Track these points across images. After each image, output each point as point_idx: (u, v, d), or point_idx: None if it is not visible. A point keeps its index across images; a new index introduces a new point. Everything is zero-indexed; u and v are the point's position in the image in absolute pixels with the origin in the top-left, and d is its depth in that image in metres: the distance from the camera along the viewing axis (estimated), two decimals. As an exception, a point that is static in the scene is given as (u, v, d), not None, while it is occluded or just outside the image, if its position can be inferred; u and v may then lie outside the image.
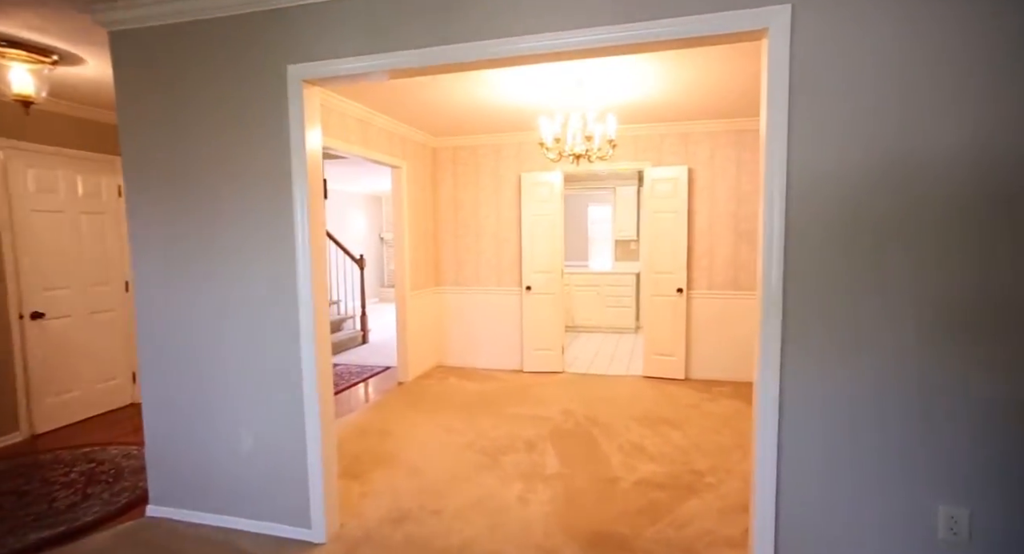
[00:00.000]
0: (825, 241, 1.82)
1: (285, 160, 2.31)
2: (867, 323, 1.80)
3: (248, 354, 2.46)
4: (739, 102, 4.26)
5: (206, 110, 2.39)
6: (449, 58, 2.06)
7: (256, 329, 2.44)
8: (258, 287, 2.41)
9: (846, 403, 1.84)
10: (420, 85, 3.69)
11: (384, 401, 4.66)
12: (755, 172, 4.92)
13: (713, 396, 4.64)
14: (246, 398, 2.48)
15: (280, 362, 2.42)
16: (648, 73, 3.47)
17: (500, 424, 4.00)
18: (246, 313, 2.44)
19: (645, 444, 3.59)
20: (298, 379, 2.40)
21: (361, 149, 4.38)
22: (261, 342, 2.44)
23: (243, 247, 2.41)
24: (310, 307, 2.35)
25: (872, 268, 1.79)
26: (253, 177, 2.37)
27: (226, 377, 2.50)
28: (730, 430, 3.82)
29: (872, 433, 1.82)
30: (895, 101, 1.72)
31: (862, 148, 1.76)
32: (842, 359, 1.83)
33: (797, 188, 1.83)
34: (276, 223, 2.36)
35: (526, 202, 5.40)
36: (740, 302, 5.04)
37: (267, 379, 2.45)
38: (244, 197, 2.39)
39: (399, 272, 5.18)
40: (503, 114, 4.53)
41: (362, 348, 6.87)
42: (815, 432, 1.88)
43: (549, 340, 5.49)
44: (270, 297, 2.40)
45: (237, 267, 2.43)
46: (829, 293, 1.83)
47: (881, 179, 1.75)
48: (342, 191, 10.01)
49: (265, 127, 2.32)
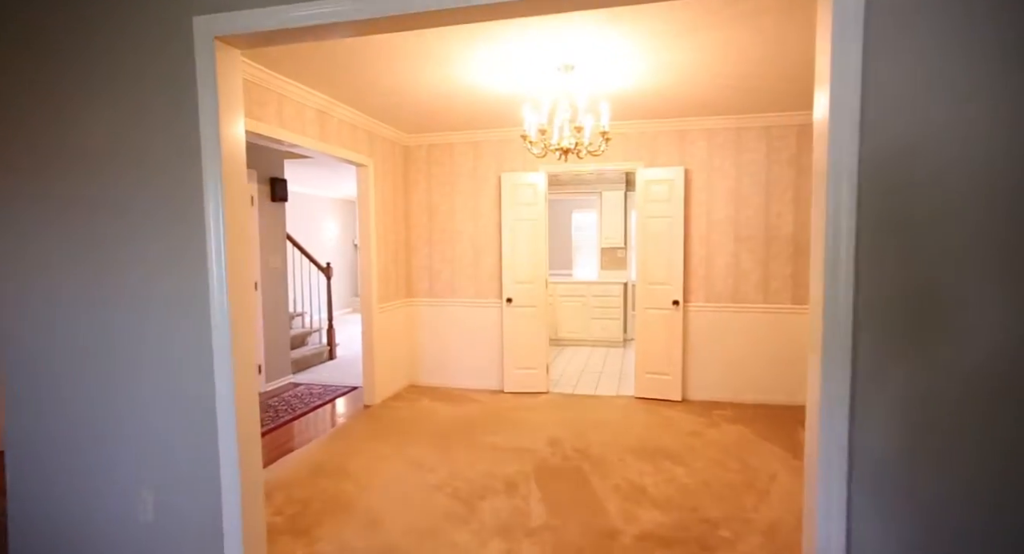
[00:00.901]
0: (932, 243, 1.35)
1: (192, 147, 1.79)
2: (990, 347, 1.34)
3: (147, 392, 1.91)
4: (738, 96, 3.84)
5: (85, 80, 1.86)
6: (396, 8, 1.57)
7: (157, 362, 1.90)
8: (157, 309, 1.87)
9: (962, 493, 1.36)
10: (388, 65, 3.19)
11: (347, 429, 4.11)
12: (756, 173, 4.51)
13: (714, 421, 4.18)
14: (145, 449, 1.93)
15: (189, 402, 1.88)
16: (641, 60, 3.03)
17: (477, 458, 3.48)
18: (144, 342, 1.90)
19: (645, 483, 3.10)
20: (211, 423, 1.86)
21: (318, 143, 3.86)
22: (164, 377, 1.90)
23: (138, 259, 1.87)
24: (226, 333, 1.82)
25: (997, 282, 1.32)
26: (150, 171, 1.84)
27: (119, 422, 1.95)
28: (738, 464, 3.35)
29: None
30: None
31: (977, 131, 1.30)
32: (943, 406, 1.36)
33: (877, 182, 1.36)
34: (180, 228, 1.83)
35: (507, 205, 4.92)
36: (741, 316, 4.61)
37: (172, 424, 1.90)
38: (138, 195, 1.86)
39: (365, 283, 4.65)
40: (481, 106, 4.05)
41: (328, 365, 6.29)
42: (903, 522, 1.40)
43: (532, 357, 4.99)
44: (173, 322, 1.86)
45: (130, 284, 1.89)
46: (930, 311, 1.35)
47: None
48: (311, 195, 9.43)
49: (164, 102, 1.80)
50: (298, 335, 6.28)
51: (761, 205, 4.53)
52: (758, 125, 4.46)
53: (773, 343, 4.56)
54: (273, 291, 5.29)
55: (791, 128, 4.42)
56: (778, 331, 4.54)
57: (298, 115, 3.62)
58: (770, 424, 4.06)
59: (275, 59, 3.09)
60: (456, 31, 2.67)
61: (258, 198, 5.07)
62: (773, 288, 4.55)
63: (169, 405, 1.90)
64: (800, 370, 4.48)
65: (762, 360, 4.59)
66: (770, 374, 4.58)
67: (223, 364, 1.83)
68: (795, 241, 4.48)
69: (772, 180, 4.49)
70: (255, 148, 4.98)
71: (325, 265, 6.65)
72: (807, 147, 4.39)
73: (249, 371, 1.93)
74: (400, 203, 5.11)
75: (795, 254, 4.49)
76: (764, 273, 4.56)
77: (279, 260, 5.40)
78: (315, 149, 3.83)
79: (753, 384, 4.62)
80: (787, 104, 4.11)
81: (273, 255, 5.30)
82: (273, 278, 5.29)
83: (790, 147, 4.44)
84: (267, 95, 3.32)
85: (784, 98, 3.94)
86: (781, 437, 3.78)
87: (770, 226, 4.53)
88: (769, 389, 4.58)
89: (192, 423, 1.88)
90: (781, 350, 4.54)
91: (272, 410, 4.56)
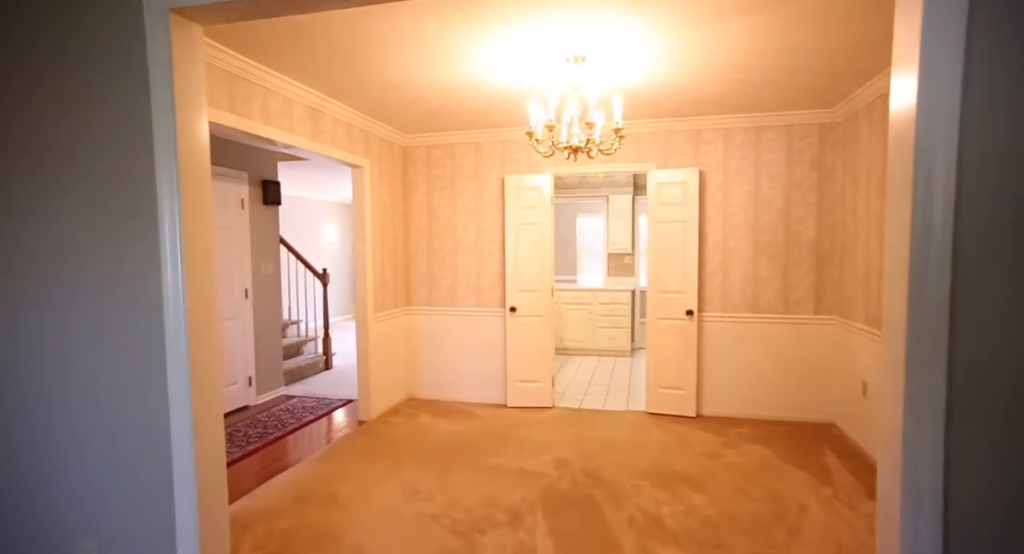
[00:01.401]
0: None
1: (142, 137, 1.53)
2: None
3: (88, 424, 1.65)
4: (759, 91, 3.57)
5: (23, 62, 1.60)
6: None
7: (101, 387, 1.63)
8: (102, 327, 1.61)
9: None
10: (384, 57, 2.94)
11: (339, 448, 3.83)
12: (776, 175, 4.24)
13: (732, 440, 3.89)
14: (86, 491, 1.67)
15: (136, 433, 1.61)
16: (658, 49, 2.77)
17: (479, 483, 3.20)
18: (86, 363, 1.64)
19: (662, 514, 2.82)
20: (166, 459, 1.60)
21: (310, 142, 3.60)
22: (108, 406, 1.63)
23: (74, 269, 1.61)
24: (183, 354, 1.55)
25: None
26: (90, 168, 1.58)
27: (56, 458, 1.68)
28: (763, 492, 3.06)
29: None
30: None
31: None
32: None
33: (984, 185, 1.09)
34: (129, 233, 1.57)
35: (511, 209, 4.66)
36: (759, 327, 4.33)
37: (116, 461, 1.64)
38: (79, 192, 1.60)
39: (360, 291, 4.38)
40: (484, 102, 3.79)
41: (324, 375, 6.02)
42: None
43: (536, 370, 4.71)
44: (126, 334, 1.60)
45: (64, 296, 1.63)
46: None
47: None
48: (309, 199, 9.19)
49: (110, 87, 1.54)
50: (293, 344, 6.02)
51: (781, 209, 4.25)
52: (778, 123, 4.19)
53: (794, 356, 4.27)
54: (265, 298, 5.03)
55: (813, 127, 4.15)
56: (799, 343, 4.26)
57: (286, 111, 3.37)
58: (793, 445, 3.77)
59: (260, 50, 2.84)
60: (461, 17, 2.41)
61: (249, 201, 4.82)
62: (794, 298, 4.27)
63: (112, 437, 1.63)
64: (822, 385, 4.19)
65: (782, 374, 4.30)
66: (790, 389, 4.29)
67: (179, 391, 1.56)
68: (818, 248, 4.20)
69: (793, 182, 4.22)
70: (246, 149, 4.74)
71: (321, 271, 6.40)
72: (831, 147, 4.12)
73: (211, 393, 1.67)
74: (398, 206, 4.86)
75: (818, 262, 4.21)
76: (784, 281, 4.28)
77: (272, 266, 5.14)
78: (306, 148, 3.58)
79: (772, 400, 4.33)
80: (811, 101, 3.84)
81: (265, 261, 5.05)
82: (265, 285, 5.04)
83: (812, 147, 4.16)
84: (252, 89, 3.07)
85: (809, 94, 3.67)
86: (807, 460, 3.49)
87: (791, 232, 4.25)
88: (789, 405, 4.29)
89: (140, 459, 1.61)
90: (802, 364, 4.26)
91: (260, 426, 4.29)
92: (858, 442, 3.71)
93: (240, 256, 4.72)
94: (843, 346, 4.02)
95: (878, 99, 3.40)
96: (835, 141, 4.10)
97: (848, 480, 3.19)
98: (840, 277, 4.11)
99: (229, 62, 2.84)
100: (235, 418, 4.46)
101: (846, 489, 3.07)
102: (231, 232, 4.63)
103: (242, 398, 4.74)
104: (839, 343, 4.09)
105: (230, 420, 4.41)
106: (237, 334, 4.67)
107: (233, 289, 4.64)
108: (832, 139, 4.11)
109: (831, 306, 4.19)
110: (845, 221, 4.01)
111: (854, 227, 3.84)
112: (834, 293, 4.18)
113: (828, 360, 4.18)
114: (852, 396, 3.83)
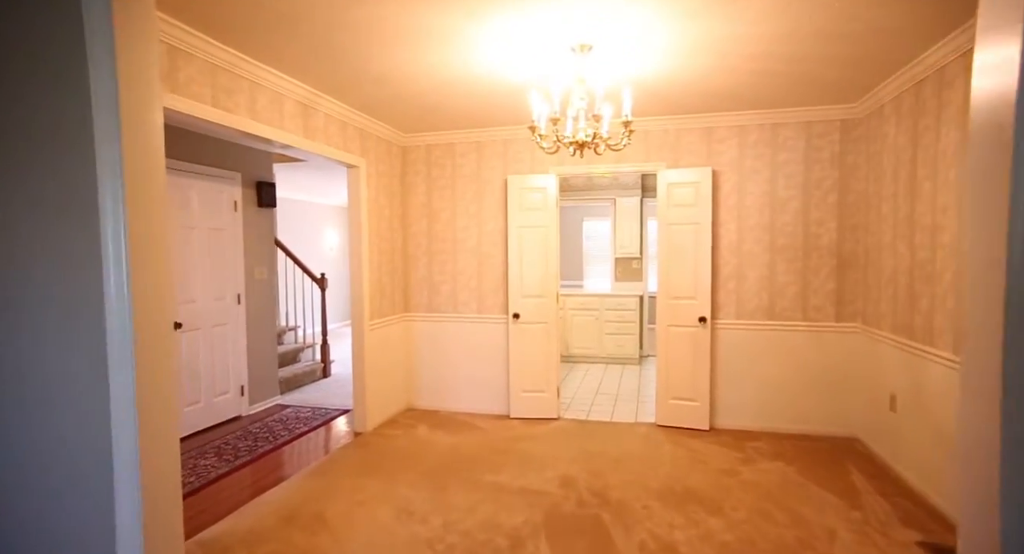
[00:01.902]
0: None
1: (82, 126, 1.34)
2: None
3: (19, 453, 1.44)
4: (776, 85, 3.35)
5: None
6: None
7: (32, 402, 1.43)
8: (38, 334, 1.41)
9: None
10: (379, 48, 2.75)
11: (331, 462, 3.62)
12: (794, 174, 4.01)
13: (749, 455, 3.65)
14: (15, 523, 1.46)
15: (72, 461, 1.41)
16: (671, 36, 2.56)
17: (478, 502, 2.98)
18: (16, 373, 1.44)
19: (676, 539, 2.58)
20: (108, 491, 1.39)
21: (301, 140, 3.42)
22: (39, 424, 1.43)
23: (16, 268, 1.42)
24: (128, 364, 1.35)
25: None
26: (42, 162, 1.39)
27: None
28: (786, 516, 2.82)
29: None
30: None
31: None
32: None
33: None
34: (68, 231, 1.37)
35: (514, 211, 4.45)
36: (776, 335, 4.09)
37: (48, 490, 1.43)
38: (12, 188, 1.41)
39: (356, 297, 4.18)
40: (485, 98, 3.60)
41: (322, 383, 5.82)
42: None
43: (541, 380, 4.49)
44: (64, 339, 1.40)
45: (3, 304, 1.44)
46: None
47: None
48: (307, 202, 9.04)
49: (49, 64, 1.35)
50: (290, 351, 5.83)
51: (799, 210, 4.02)
52: (796, 120, 3.96)
53: (813, 366, 4.03)
54: (259, 304, 4.84)
55: (834, 123, 3.92)
56: (819, 352, 4.01)
57: (275, 107, 3.18)
58: (815, 461, 3.52)
59: (246, 41, 2.66)
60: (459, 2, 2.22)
61: (242, 203, 4.64)
62: (813, 304, 4.03)
63: (45, 464, 1.43)
64: (844, 397, 3.95)
65: (801, 385, 4.06)
66: (810, 401, 4.04)
67: (123, 400, 1.36)
68: (839, 251, 3.96)
69: (812, 182, 3.99)
70: (239, 149, 4.56)
71: (319, 276, 6.21)
72: (853, 144, 3.89)
73: (163, 411, 1.46)
74: (396, 208, 4.67)
75: (839, 266, 3.97)
76: (803, 286, 4.05)
77: (266, 270, 4.96)
78: (297, 146, 3.39)
79: (790, 412, 4.08)
80: (831, 96, 3.61)
81: (259, 265, 4.86)
82: (259, 290, 4.85)
83: (833, 145, 3.93)
84: (237, 82, 2.88)
85: (829, 88, 3.45)
86: (831, 479, 3.25)
87: (810, 234, 4.01)
88: (809, 417, 4.04)
89: (73, 488, 1.40)
90: (822, 374, 4.01)
91: (251, 438, 4.09)
92: (885, 459, 3.46)
93: (233, 260, 4.54)
94: (867, 355, 3.77)
95: (905, 92, 3.17)
96: (858, 137, 3.87)
97: (879, 503, 2.94)
98: (864, 282, 3.87)
99: (211, 52, 2.66)
100: (225, 429, 4.27)
101: (877, 514, 2.82)
102: (223, 235, 4.44)
103: (233, 408, 4.54)
104: (862, 352, 3.84)
105: (220, 431, 4.21)
106: (228, 341, 4.48)
107: (225, 294, 4.46)
108: (855, 135, 3.88)
109: (854, 313, 3.94)
110: (868, 222, 3.78)
111: (878, 228, 3.60)
112: (857, 299, 3.93)
113: (850, 370, 3.93)
114: (878, 409, 3.58)
